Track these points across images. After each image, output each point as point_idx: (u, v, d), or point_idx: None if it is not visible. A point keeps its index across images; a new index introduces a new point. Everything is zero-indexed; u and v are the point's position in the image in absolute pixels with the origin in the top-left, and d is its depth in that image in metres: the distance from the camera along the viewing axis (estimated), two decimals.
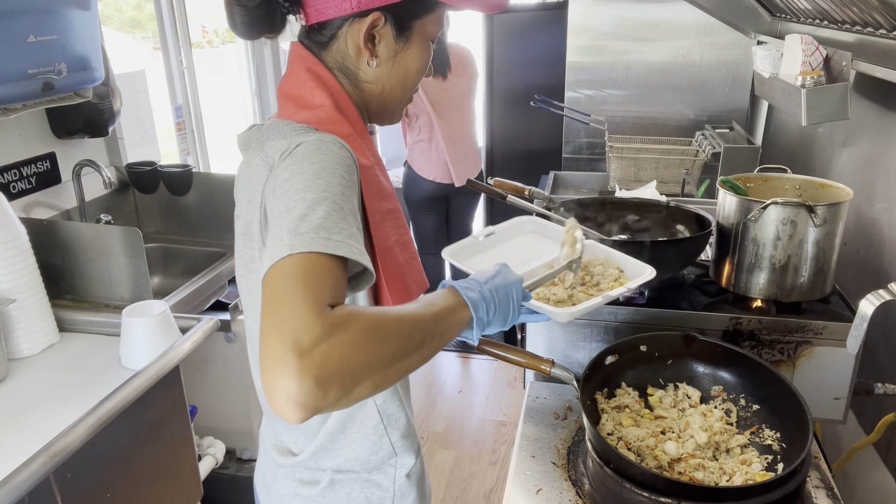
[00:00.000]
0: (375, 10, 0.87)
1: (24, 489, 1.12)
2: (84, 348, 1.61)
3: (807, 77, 1.70)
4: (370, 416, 0.98)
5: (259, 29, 0.90)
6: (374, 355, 0.66)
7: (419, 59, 0.94)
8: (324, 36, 0.91)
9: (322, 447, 0.98)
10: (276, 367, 0.61)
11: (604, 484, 1.05)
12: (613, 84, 3.10)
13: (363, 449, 0.99)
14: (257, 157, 0.87)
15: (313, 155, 0.79)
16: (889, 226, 1.53)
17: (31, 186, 2.01)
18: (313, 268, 0.67)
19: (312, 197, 0.73)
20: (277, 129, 0.87)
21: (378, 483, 1.01)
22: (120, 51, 2.50)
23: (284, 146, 0.82)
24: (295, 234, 0.69)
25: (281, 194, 0.76)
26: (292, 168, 0.78)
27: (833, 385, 1.34)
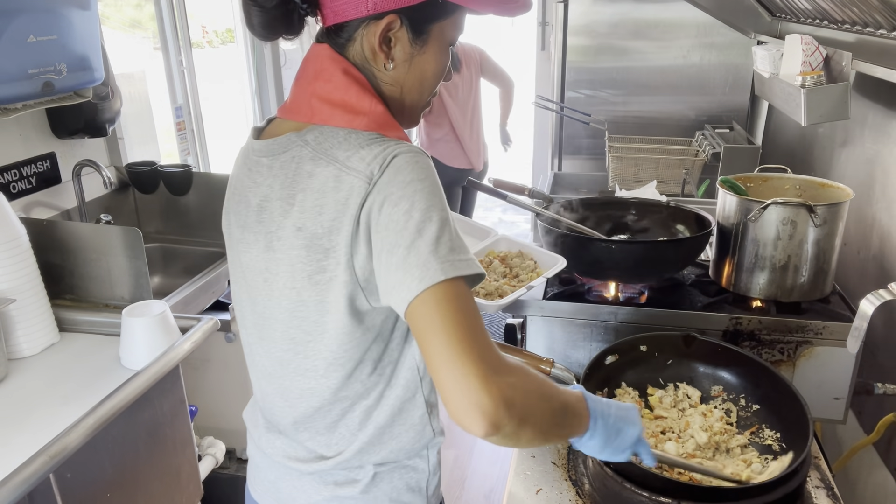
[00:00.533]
0: (391, 12, 0.86)
1: (24, 489, 1.12)
2: (84, 348, 1.61)
3: (807, 77, 1.70)
4: (418, 407, 0.97)
5: (276, 30, 0.88)
6: (540, 407, 0.79)
7: (436, 63, 0.93)
8: (342, 38, 0.89)
9: (369, 443, 0.96)
10: (470, 377, 0.71)
11: (604, 484, 1.05)
12: (613, 84, 3.10)
13: (408, 439, 0.98)
14: (329, 168, 0.83)
15: (418, 170, 0.81)
16: (889, 226, 1.53)
17: (31, 186, 2.01)
18: (467, 294, 0.77)
19: (438, 217, 0.78)
20: (343, 138, 0.85)
21: (415, 467, 1.00)
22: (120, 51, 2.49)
23: (375, 155, 0.81)
24: (442, 259, 0.76)
25: (402, 212, 0.78)
26: (406, 187, 0.79)
27: (833, 385, 1.34)
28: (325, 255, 0.84)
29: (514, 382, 0.74)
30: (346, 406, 0.94)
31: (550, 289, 1.51)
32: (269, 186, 0.90)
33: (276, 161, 0.89)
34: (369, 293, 0.85)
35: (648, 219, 1.64)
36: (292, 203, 0.86)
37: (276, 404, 1.00)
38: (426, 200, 0.79)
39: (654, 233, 1.62)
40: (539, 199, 1.80)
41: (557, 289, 1.51)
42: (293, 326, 0.91)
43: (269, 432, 1.04)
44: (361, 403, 0.94)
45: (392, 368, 0.93)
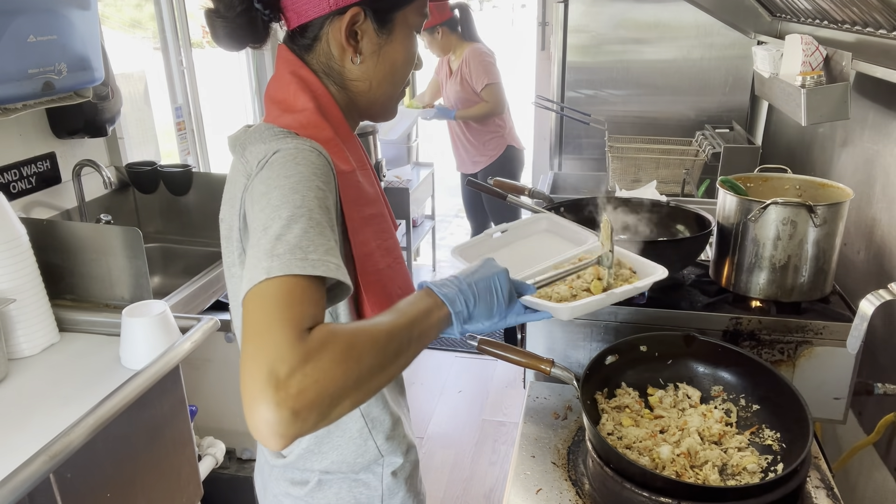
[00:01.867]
0: (353, 5, 0.87)
1: (24, 489, 1.12)
2: (84, 348, 1.61)
3: (807, 77, 1.70)
4: (354, 421, 0.98)
5: (242, 40, 0.90)
6: (350, 375, 0.66)
7: (405, 51, 0.94)
8: (307, 38, 0.91)
9: (308, 450, 0.99)
10: (254, 399, 0.62)
11: (604, 484, 1.05)
12: (613, 84, 3.10)
13: (349, 452, 1.00)
14: (239, 162, 0.88)
15: (289, 166, 0.78)
16: (889, 226, 1.53)
17: (31, 186, 2.01)
18: (291, 292, 0.67)
19: (288, 214, 0.73)
20: (260, 133, 0.87)
21: (366, 482, 1.02)
22: (120, 51, 2.50)
23: (262, 153, 0.83)
24: (272, 255, 0.69)
25: (258, 210, 0.76)
26: (269, 181, 0.77)
27: (833, 385, 1.34)
28: (229, 245, 0.89)
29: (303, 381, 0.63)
30: None
31: None
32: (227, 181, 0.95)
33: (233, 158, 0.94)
34: None
35: (648, 219, 1.64)
36: (224, 196, 0.93)
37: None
38: (280, 197, 0.75)
39: (654, 233, 1.62)
40: (539, 199, 1.80)
41: None
42: (236, 316, 0.96)
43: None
44: None
45: None
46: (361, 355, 0.68)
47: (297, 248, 0.70)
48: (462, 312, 0.82)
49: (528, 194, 1.77)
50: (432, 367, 3.43)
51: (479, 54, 3.39)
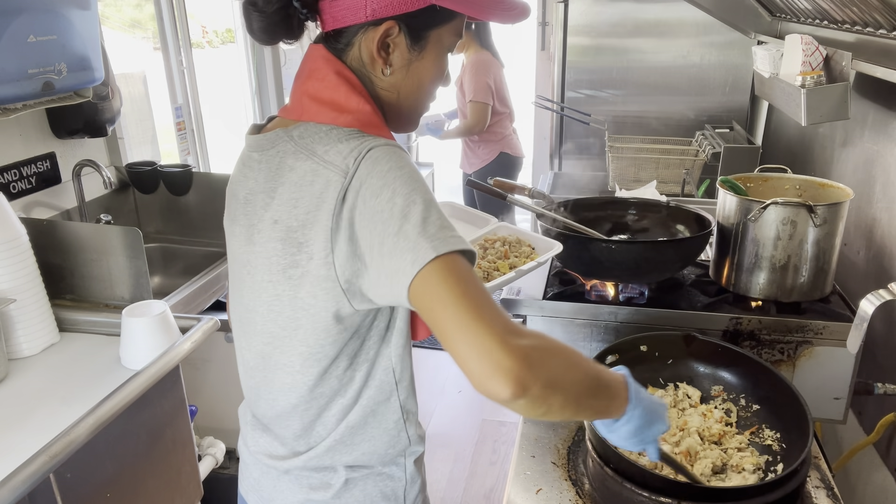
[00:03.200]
0: (389, 18, 0.87)
1: (24, 489, 1.12)
2: (84, 348, 1.61)
3: (807, 77, 1.70)
4: (393, 412, 0.97)
5: (276, 34, 0.90)
6: (569, 372, 0.76)
7: (434, 69, 0.94)
8: (340, 43, 0.90)
9: (340, 441, 0.96)
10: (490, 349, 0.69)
11: (604, 484, 1.05)
12: (613, 84, 3.10)
13: (381, 443, 0.98)
14: (307, 162, 0.85)
15: (395, 159, 0.81)
16: (889, 226, 1.53)
17: (31, 186, 2.01)
18: (466, 266, 0.76)
19: (422, 199, 0.78)
20: (325, 133, 0.86)
21: (390, 475, 1.01)
22: (120, 51, 2.49)
23: (350, 150, 0.82)
24: (431, 237, 0.75)
25: (385, 201, 0.78)
26: (386, 175, 0.79)
27: (833, 385, 1.34)
28: (298, 250, 0.85)
29: (534, 344, 0.72)
30: (322, 403, 0.94)
31: (550, 289, 1.51)
32: (254, 180, 0.92)
33: (264, 156, 0.91)
34: (352, 296, 0.84)
35: (648, 219, 1.64)
36: (273, 196, 0.88)
37: (261, 397, 1.01)
38: (407, 185, 0.79)
39: (654, 233, 1.62)
40: (539, 199, 1.80)
41: (557, 289, 1.51)
42: (270, 320, 0.92)
43: (254, 429, 1.06)
44: (338, 401, 0.94)
45: (368, 367, 0.93)
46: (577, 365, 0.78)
47: (445, 228, 0.76)
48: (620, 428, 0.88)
49: (528, 194, 1.77)
50: (432, 367, 3.43)
51: (479, 65, 3.35)
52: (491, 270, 1.24)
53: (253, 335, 0.97)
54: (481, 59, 3.36)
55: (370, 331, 0.91)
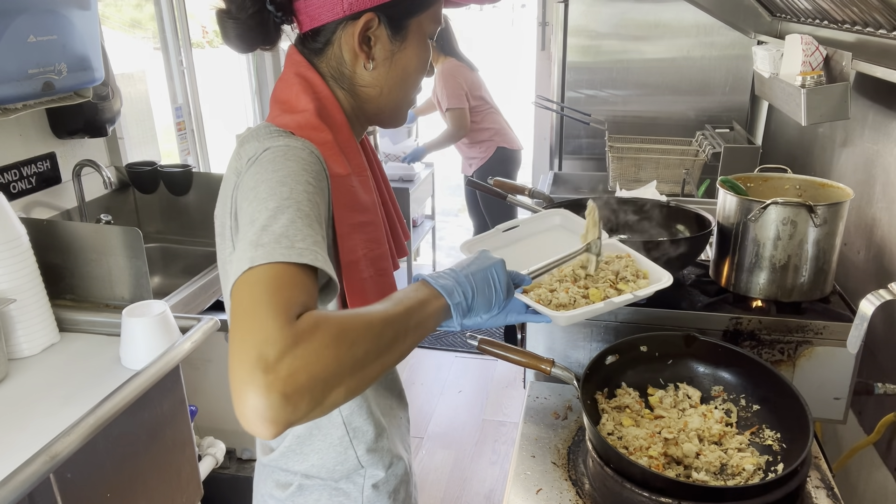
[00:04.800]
0: (368, 10, 0.86)
1: (24, 489, 1.12)
2: (84, 348, 1.61)
3: (807, 77, 1.70)
4: (335, 427, 0.98)
5: (253, 41, 0.89)
6: (344, 361, 0.64)
7: (418, 58, 0.93)
8: (318, 42, 0.90)
9: (290, 449, 0.99)
10: (242, 384, 0.59)
11: (604, 484, 1.05)
12: (613, 84, 3.10)
13: (329, 458, 0.99)
14: (234, 159, 0.88)
15: (278, 161, 0.78)
16: (889, 226, 1.53)
17: (31, 186, 2.00)
18: (278, 278, 0.65)
19: (275, 205, 0.72)
20: (257, 131, 0.88)
21: (346, 492, 1.01)
22: (120, 51, 2.49)
23: (253, 150, 0.83)
24: (257, 245, 0.68)
25: (246, 204, 0.76)
26: (257, 176, 0.77)
27: (833, 385, 1.34)
28: (226, 244, 0.89)
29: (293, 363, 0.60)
30: None
31: None
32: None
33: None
34: None
35: (648, 219, 1.64)
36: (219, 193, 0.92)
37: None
38: (268, 190, 0.74)
39: (654, 233, 1.62)
40: (539, 199, 1.80)
41: None
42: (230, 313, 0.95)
43: None
44: None
45: None
46: (355, 340, 0.65)
47: (283, 237, 0.68)
48: (461, 304, 0.81)
49: (528, 194, 1.78)
50: (432, 367, 3.43)
51: (447, 73, 3.40)
52: (579, 297, 1.07)
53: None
54: (447, 67, 3.41)
55: None
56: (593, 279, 1.12)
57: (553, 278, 1.12)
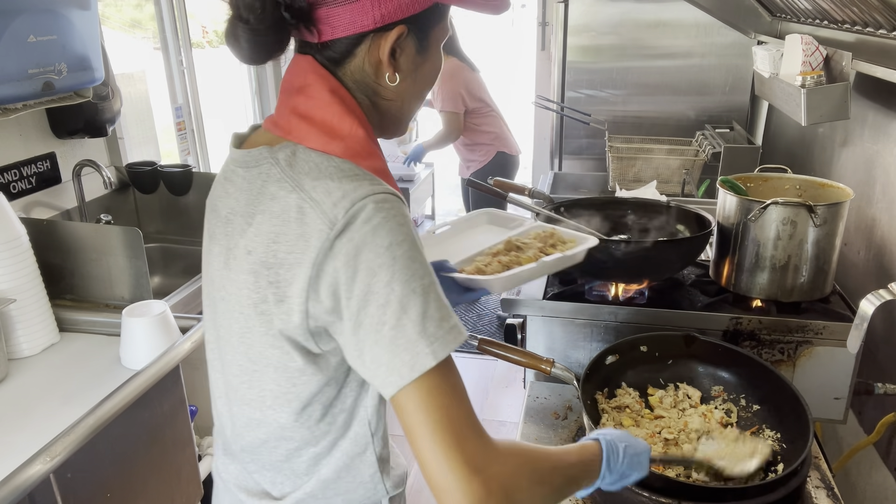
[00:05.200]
0: (399, 22, 0.80)
1: (24, 489, 1.12)
2: (84, 348, 1.61)
3: (807, 77, 1.70)
4: (368, 465, 0.91)
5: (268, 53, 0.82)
6: (532, 493, 0.74)
7: (435, 69, 0.89)
8: (336, 52, 0.82)
9: (311, 495, 0.90)
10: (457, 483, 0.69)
11: None
12: (613, 84, 3.10)
13: (357, 496, 0.92)
14: (292, 195, 0.77)
15: (395, 230, 0.73)
16: (889, 226, 1.53)
17: (31, 186, 2.00)
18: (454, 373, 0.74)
19: (420, 286, 0.73)
20: (314, 164, 0.78)
21: None
22: (120, 51, 2.49)
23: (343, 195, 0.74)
24: (431, 337, 0.72)
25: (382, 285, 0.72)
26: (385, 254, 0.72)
27: (833, 385, 1.34)
28: (267, 286, 0.78)
29: (502, 476, 0.72)
30: (292, 448, 0.88)
31: (550, 289, 1.51)
32: (235, 199, 0.85)
33: (248, 174, 0.84)
34: (319, 339, 0.79)
35: (648, 219, 1.64)
36: (250, 223, 0.81)
37: (229, 430, 0.94)
38: (407, 269, 0.72)
39: (654, 233, 1.62)
40: (539, 199, 1.80)
41: (557, 289, 1.51)
42: (240, 353, 0.86)
43: (224, 455, 0.98)
44: (309, 450, 0.87)
45: (345, 417, 0.87)
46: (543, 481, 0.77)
47: (444, 320, 0.73)
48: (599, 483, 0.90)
49: (528, 194, 1.78)
50: None
51: (446, 74, 3.31)
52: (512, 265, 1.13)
53: (226, 363, 0.90)
54: (448, 67, 3.31)
55: (347, 379, 0.85)
56: (523, 251, 1.17)
57: (484, 256, 1.18)
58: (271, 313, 0.79)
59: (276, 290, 0.78)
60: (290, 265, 0.76)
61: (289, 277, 0.76)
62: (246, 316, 0.83)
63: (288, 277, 0.76)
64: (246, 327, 0.83)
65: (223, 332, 0.89)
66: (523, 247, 1.19)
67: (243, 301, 0.82)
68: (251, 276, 0.80)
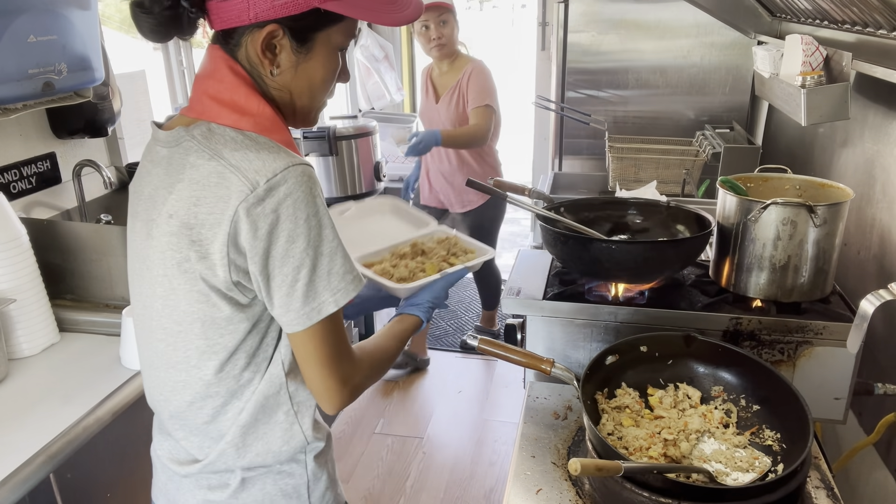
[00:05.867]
0: (272, 21, 0.88)
1: (24, 489, 1.12)
2: (84, 348, 1.61)
3: (807, 77, 1.70)
4: (282, 403, 0.98)
5: (167, 34, 0.91)
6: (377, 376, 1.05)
7: (324, 69, 0.96)
8: (231, 42, 0.92)
9: (232, 444, 0.98)
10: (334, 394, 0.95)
11: (604, 484, 1.05)
12: (613, 84, 3.10)
13: (274, 441, 0.99)
14: (211, 163, 0.87)
15: (309, 202, 0.87)
16: (889, 226, 1.53)
17: (32, 186, 2.01)
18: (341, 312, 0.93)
19: (328, 247, 0.89)
20: (231, 137, 0.88)
21: (290, 472, 1.02)
22: (120, 51, 2.49)
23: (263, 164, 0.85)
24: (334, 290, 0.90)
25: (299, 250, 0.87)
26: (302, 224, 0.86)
27: (833, 385, 1.34)
28: (189, 246, 0.87)
29: (359, 380, 0.98)
30: (217, 405, 0.96)
31: (550, 289, 1.51)
32: (158, 176, 0.93)
33: (169, 152, 0.93)
34: (242, 289, 0.90)
35: (648, 219, 1.64)
36: (171, 191, 0.90)
37: (157, 399, 1.03)
38: (319, 237, 0.88)
39: (654, 233, 1.62)
40: (539, 199, 1.80)
41: (557, 289, 1.51)
42: (165, 315, 0.94)
43: (158, 433, 1.09)
44: (234, 404, 0.96)
45: (266, 364, 0.96)
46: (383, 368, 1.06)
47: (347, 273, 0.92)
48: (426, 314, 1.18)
49: (528, 194, 1.77)
50: (432, 368, 3.43)
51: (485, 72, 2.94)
52: (417, 272, 1.26)
53: (150, 331, 0.98)
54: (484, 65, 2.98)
55: (269, 326, 0.95)
56: (428, 257, 1.33)
57: (393, 256, 1.34)
58: (195, 270, 0.89)
59: (198, 248, 0.87)
60: (210, 225, 0.86)
61: (210, 236, 0.86)
62: (169, 277, 0.91)
63: (209, 236, 0.86)
64: (170, 289, 0.92)
65: (147, 301, 0.97)
66: (428, 252, 1.35)
67: (167, 262, 0.91)
68: (174, 237, 0.89)
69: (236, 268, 0.87)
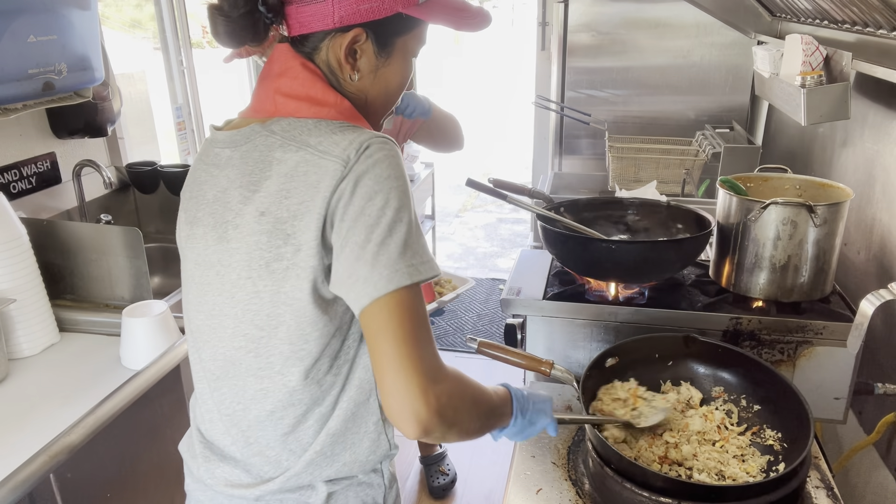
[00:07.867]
0: (357, 25, 0.88)
1: (24, 489, 1.12)
2: (84, 348, 1.61)
3: (807, 77, 1.70)
4: (372, 413, 0.95)
5: (241, 39, 0.90)
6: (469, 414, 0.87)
7: (400, 75, 0.96)
8: (306, 47, 0.91)
9: (320, 453, 0.93)
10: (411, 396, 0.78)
11: (604, 484, 1.05)
12: (613, 84, 3.10)
13: (363, 450, 0.95)
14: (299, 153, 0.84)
15: (394, 166, 0.83)
16: (889, 226, 1.53)
17: (32, 186, 2.01)
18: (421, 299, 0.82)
19: (408, 219, 0.82)
20: (313, 126, 0.86)
21: (370, 483, 0.98)
22: (120, 51, 2.50)
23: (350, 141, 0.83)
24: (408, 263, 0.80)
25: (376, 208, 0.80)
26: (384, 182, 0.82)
27: (833, 385, 1.34)
28: (284, 241, 0.84)
29: (449, 391, 0.81)
30: (299, 413, 0.91)
31: (550, 289, 1.51)
32: (227, 178, 0.90)
33: (237, 152, 0.90)
34: (328, 279, 0.86)
35: (648, 219, 1.64)
36: (255, 190, 0.87)
37: (233, 410, 0.95)
38: (399, 200, 0.82)
39: (654, 233, 1.62)
40: (539, 199, 1.80)
41: (557, 289, 1.51)
42: (246, 321, 0.90)
43: (207, 461, 0.99)
44: (315, 410, 0.91)
45: (348, 368, 0.92)
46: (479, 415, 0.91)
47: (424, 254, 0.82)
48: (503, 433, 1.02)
49: (528, 194, 1.77)
50: None
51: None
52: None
53: (220, 341, 0.93)
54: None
55: (350, 328, 0.91)
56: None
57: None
58: (285, 269, 0.85)
59: (294, 241, 0.84)
60: (302, 214, 0.83)
61: (302, 227, 0.83)
62: (254, 280, 0.87)
63: (301, 227, 0.83)
64: (253, 292, 0.88)
65: (218, 309, 0.92)
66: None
67: (253, 264, 0.87)
68: (264, 236, 0.85)
69: (327, 250, 0.83)
